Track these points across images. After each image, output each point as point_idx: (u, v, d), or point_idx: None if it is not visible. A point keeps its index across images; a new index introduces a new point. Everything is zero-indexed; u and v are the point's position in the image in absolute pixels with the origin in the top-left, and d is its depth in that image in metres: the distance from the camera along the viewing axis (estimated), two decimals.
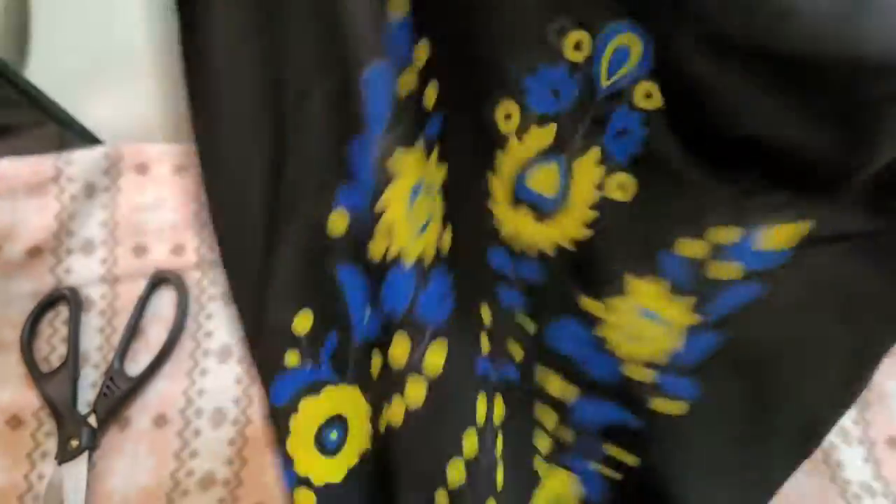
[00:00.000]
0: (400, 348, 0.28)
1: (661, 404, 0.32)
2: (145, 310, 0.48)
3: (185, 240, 0.50)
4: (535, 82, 0.27)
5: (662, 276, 0.29)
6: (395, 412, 0.28)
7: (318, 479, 0.26)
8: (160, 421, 0.45)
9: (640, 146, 0.28)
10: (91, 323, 0.49)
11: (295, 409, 0.25)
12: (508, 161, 0.28)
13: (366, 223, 0.25)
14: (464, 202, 0.30)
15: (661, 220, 0.29)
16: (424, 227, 0.28)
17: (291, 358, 0.25)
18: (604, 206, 0.29)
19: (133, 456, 0.44)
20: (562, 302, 0.31)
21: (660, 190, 0.28)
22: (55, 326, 0.49)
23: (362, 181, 0.24)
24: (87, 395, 0.46)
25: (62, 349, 0.48)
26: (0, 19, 0.58)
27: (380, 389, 0.28)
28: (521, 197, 0.29)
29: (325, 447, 0.27)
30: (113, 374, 0.46)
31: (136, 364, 0.47)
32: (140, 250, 0.50)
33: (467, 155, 0.29)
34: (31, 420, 0.46)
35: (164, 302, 0.49)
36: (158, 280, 0.49)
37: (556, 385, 0.34)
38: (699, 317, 0.30)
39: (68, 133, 0.54)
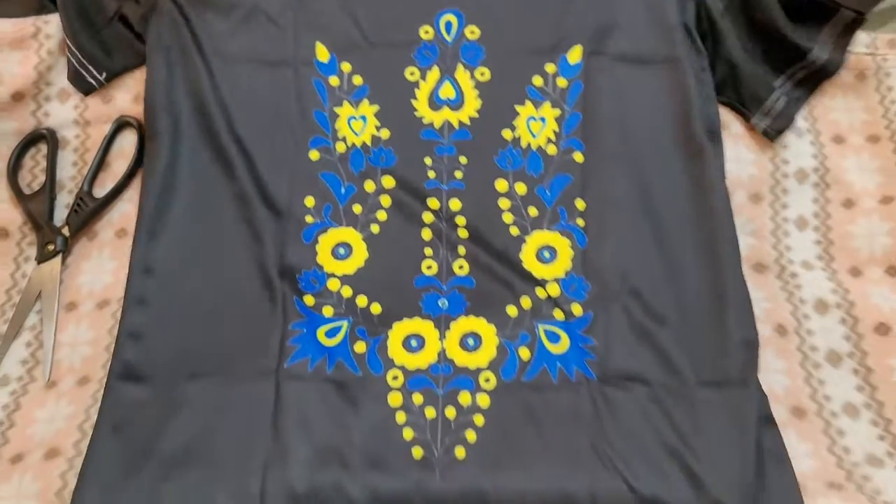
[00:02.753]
0: (369, 186, 0.53)
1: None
2: (110, 147, 0.58)
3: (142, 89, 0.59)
4: (418, 53, 0.56)
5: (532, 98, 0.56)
6: (374, 229, 0.52)
7: (339, 272, 0.51)
8: (121, 234, 0.55)
9: (482, 55, 0.56)
10: (66, 158, 0.58)
11: (317, 242, 0.51)
12: (424, 90, 0.55)
13: (329, 147, 0.54)
14: (395, 114, 0.55)
15: (517, 77, 0.56)
16: (363, 130, 0.54)
17: (308, 219, 0.52)
18: (481, 88, 0.55)
19: (98, 259, 0.54)
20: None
21: (507, 64, 0.56)
22: (36, 160, 0.58)
23: (322, 129, 0.54)
24: (61, 213, 0.56)
25: (42, 178, 0.57)
26: None
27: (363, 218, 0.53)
28: (439, 103, 0.55)
29: (339, 257, 0.51)
30: (83, 195, 0.55)
31: (103, 189, 0.56)
32: (107, 98, 0.59)
33: (392, 95, 0.55)
34: (16, 232, 0.56)
35: (127, 141, 0.58)
36: (122, 124, 0.58)
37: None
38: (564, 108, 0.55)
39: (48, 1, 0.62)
